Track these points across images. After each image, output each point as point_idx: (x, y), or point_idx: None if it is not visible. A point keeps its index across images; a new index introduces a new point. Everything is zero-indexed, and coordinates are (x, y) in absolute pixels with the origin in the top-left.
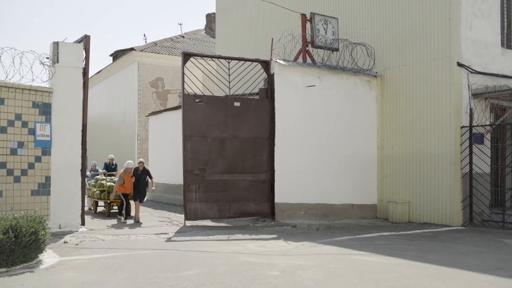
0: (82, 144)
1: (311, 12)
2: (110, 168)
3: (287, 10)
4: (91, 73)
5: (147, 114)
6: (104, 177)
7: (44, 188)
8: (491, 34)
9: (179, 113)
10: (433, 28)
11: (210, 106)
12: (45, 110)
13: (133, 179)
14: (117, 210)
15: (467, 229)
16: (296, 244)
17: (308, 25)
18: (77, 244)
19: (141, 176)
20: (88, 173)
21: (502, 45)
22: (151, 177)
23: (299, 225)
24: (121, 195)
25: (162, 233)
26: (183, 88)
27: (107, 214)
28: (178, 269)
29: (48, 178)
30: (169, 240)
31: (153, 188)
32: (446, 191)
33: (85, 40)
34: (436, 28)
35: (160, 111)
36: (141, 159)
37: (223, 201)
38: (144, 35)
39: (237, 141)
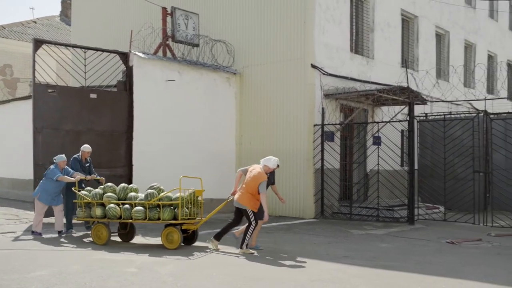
0: None
1: (172, 6)
2: (84, 167)
3: (148, 2)
4: None
5: None
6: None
7: None
8: (342, 40)
9: (29, 103)
10: (290, 30)
11: (64, 97)
12: None
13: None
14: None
15: (319, 221)
16: (155, 240)
17: (169, 19)
18: None
19: (269, 181)
20: (61, 175)
21: (351, 50)
22: (273, 183)
23: None
24: (254, 212)
25: (8, 232)
26: (34, 76)
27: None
28: (26, 270)
29: None
30: (16, 239)
31: (283, 199)
32: (300, 186)
33: None
34: (293, 30)
35: (8, 101)
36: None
37: None
38: None
39: (93, 135)
